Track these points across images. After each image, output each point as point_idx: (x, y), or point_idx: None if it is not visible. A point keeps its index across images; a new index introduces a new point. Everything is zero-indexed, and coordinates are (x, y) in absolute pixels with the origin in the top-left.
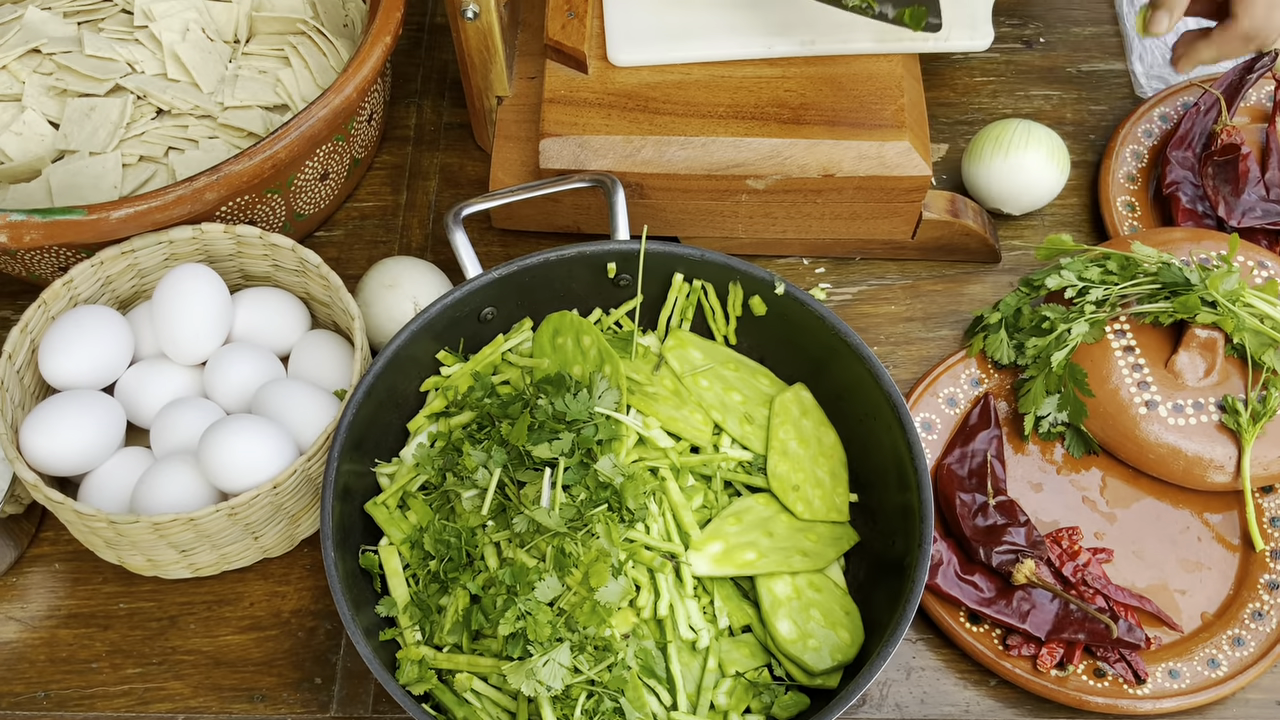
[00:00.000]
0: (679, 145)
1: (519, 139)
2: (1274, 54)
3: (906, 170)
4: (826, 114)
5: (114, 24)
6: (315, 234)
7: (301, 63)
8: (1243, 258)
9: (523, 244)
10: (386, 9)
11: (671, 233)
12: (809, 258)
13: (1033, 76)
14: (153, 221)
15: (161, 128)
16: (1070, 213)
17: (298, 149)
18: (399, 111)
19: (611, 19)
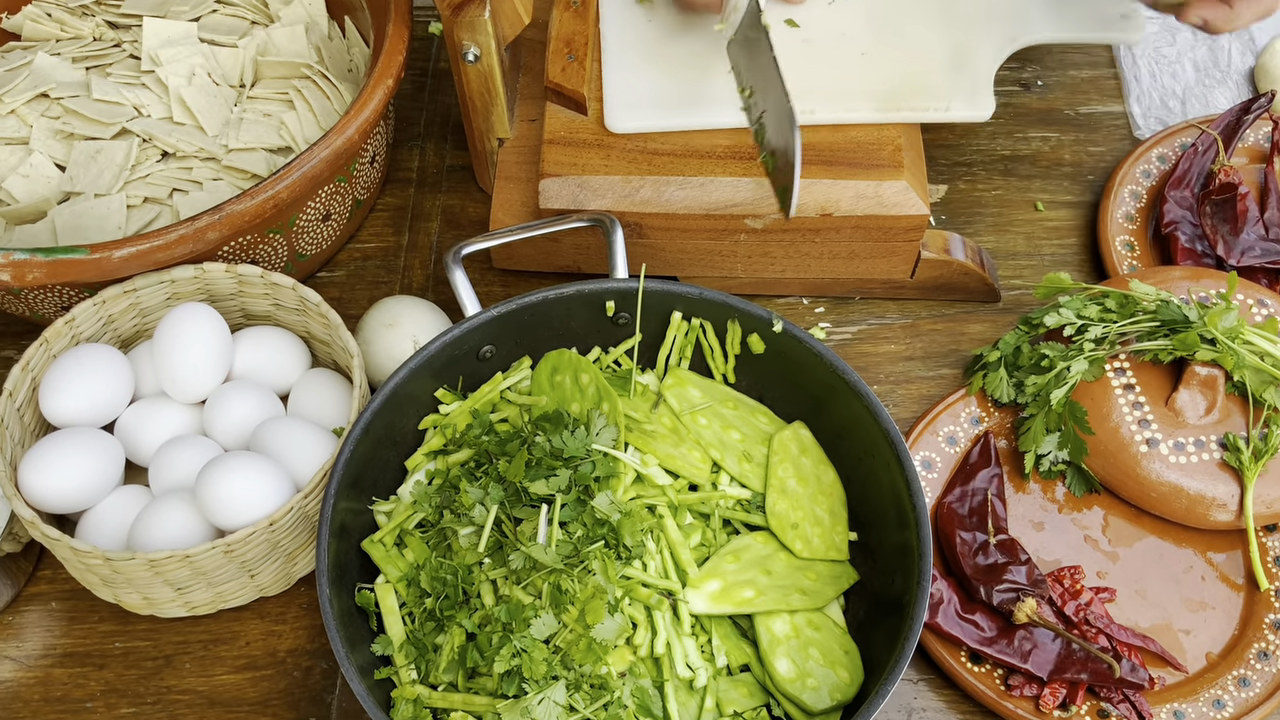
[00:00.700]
0: (677, 185)
1: (520, 180)
2: (1271, 95)
3: (904, 209)
4: (824, 154)
5: (121, 69)
6: (317, 274)
7: (305, 106)
8: (1242, 296)
9: (523, 284)
10: (389, 53)
11: (670, 272)
12: (808, 297)
13: (1031, 118)
14: (155, 261)
15: (166, 170)
16: (1069, 252)
17: (299, 189)
18: (402, 154)
19: (610, 85)
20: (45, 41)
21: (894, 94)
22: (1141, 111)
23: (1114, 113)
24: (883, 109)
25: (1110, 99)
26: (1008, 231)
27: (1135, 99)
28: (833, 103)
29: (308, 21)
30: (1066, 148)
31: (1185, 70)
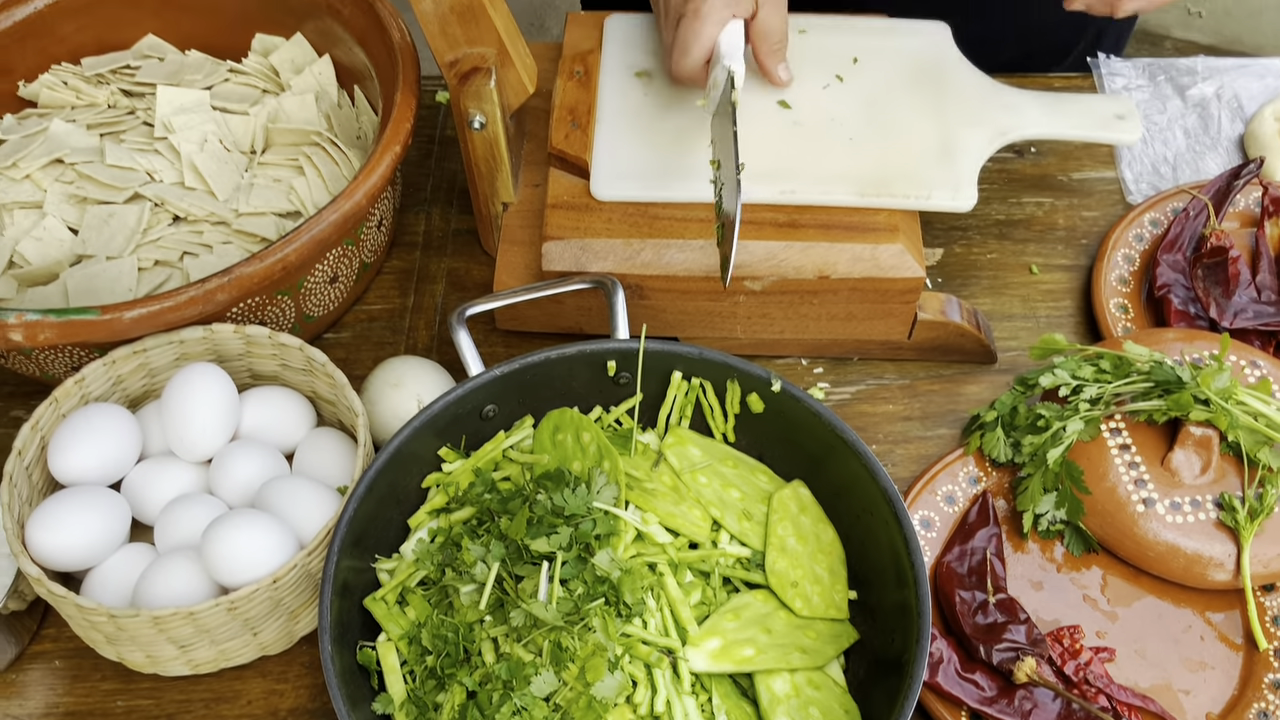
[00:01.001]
0: (677, 248)
1: (523, 243)
2: (1259, 161)
3: (900, 272)
4: (821, 218)
5: (135, 135)
6: (324, 335)
7: (315, 172)
8: (1235, 357)
9: (526, 345)
10: (397, 121)
11: (671, 333)
12: (807, 358)
13: (1025, 184)
14: (165, 322)
15: (177, 233)
16: (1064, 315)
17: (308, 252)
18: (408, 218)
19: (599, 154)
20: (61, 108)
21: (877, 180)
22: (1133, 177)
23: (1106, 178)
24: (863, 194)
25: (1102, 165)
26: (1003, 294)
27: (1127, 165)
28: (815, 184)
29: (318, 90)
30: (1060, 212)
31: (1176, 137)
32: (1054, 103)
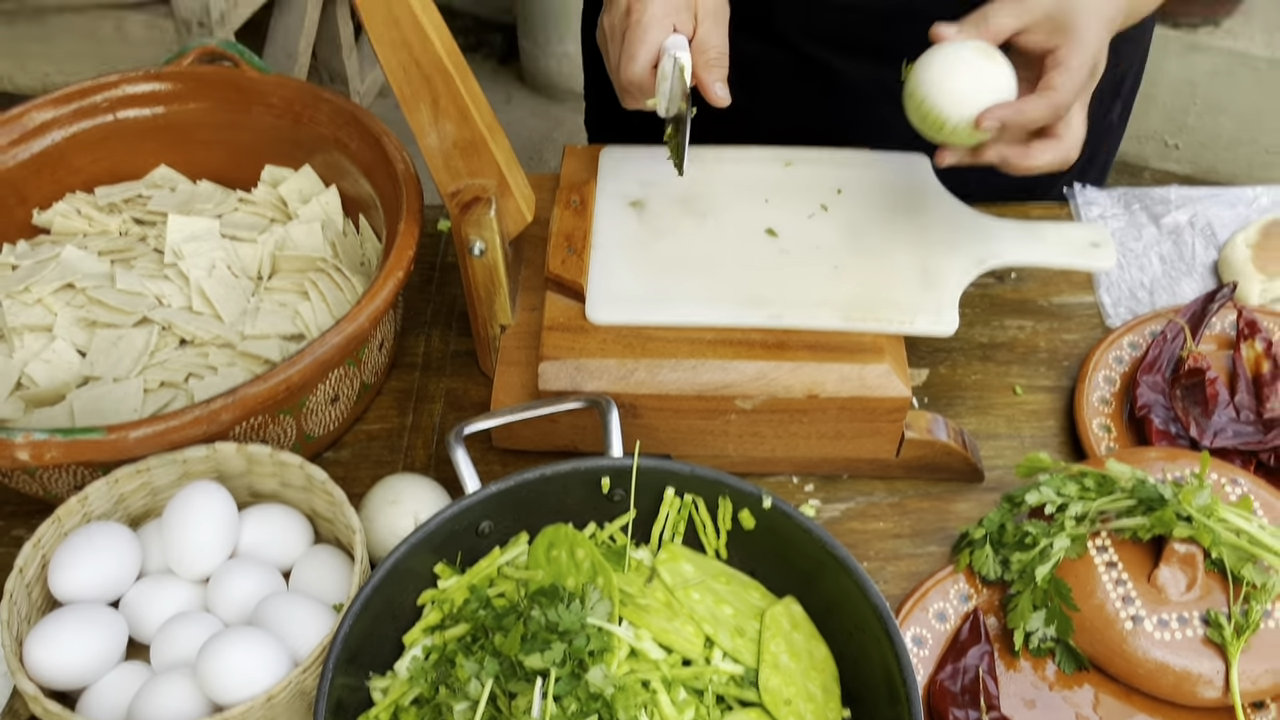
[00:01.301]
0: (670, 368)
1: (520, 364)
2: (1233, 285)
3: (887, 391)
4: (809, 339)
5: (145, 262)
6: (323, 454)
7: (319, 296)
8: (1216, 475)
9: (523, 463)
10: (400, 248)
11: (664, 451)
12: (798, 475)
13: (1007, 308)
14: (169, 441)
15: (184, 356)
16: (1048, 434)
17: (311, 373)
18: (409, 340)
19: (594, 279)
20: (74, 235)
21: (861, 305)
22: (1112, 301)
23: (1085, 303)
24: (848, 318)
25: (1081, 290)
26: (989, 414)
27: (1105, 290)
28: (802, 310)
29: (324, 219)
30: (1042, 335)
31: (1152, 263)
32: (1031, 231)
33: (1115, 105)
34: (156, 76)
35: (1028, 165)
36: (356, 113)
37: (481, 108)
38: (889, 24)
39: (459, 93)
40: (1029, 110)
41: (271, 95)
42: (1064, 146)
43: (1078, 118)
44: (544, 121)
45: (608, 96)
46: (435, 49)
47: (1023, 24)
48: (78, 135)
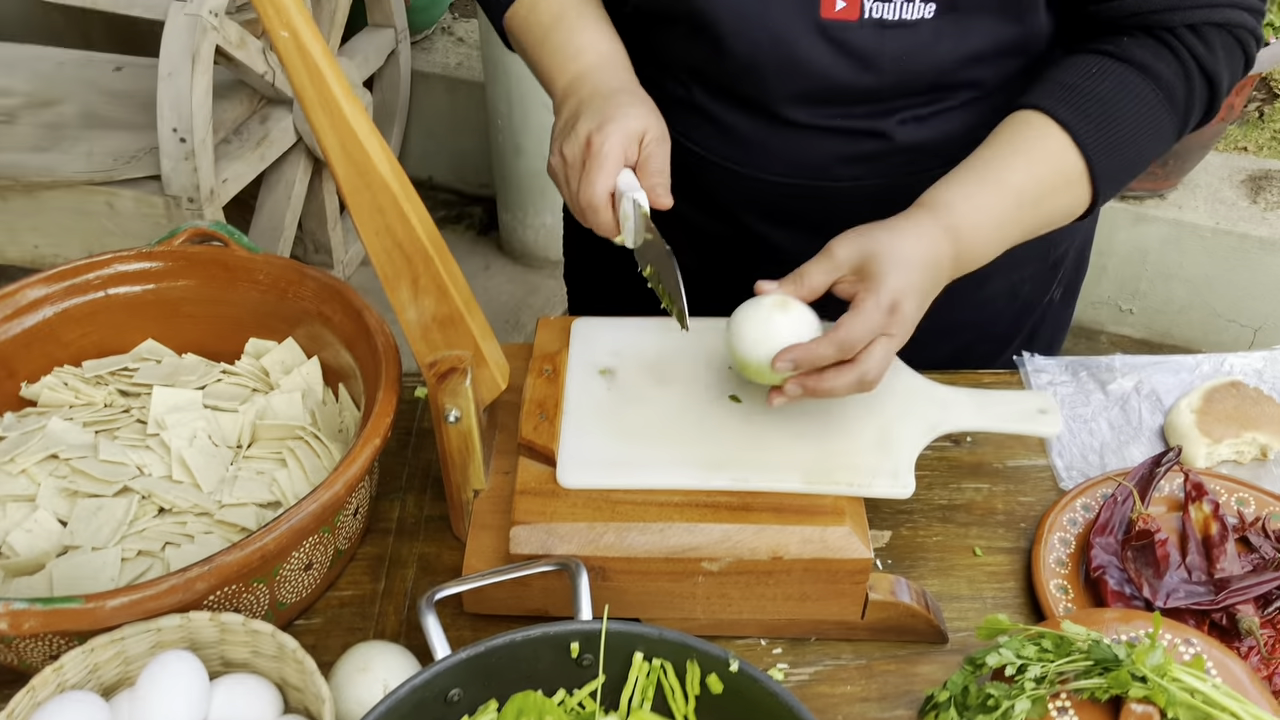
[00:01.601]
0: (638, 531)
1: (493, 528)
2: (1178, 449)
3: (848, 553)
4: (772, 502)
5: (128, 432)
6: (295, 622)
7: (297, 464)
8: (1170, 635)
9: (494, 627)
10: (378, 416)
11: (633, 614)
12: (766, 638)
13: (964, 471)
14: (145, 610)
15: (162, 524)
16: (1009, 595)
17: (286, 541)
18: (384, 505)
19: (565, 445)
20: (60, 407)
21: (822, 469)
22: (1064, 465)
23: (1039, 465)
24: (809, 481)
25: (1035, 453)
26: (950, 575)
27: (1057, 454)
28: (765, 472)
29: (305, 388)
30: (999, 497)
31: (1101, 428)
32: (981, 398)
33: (1054, 287)
34: (148, 255)
35: (825, 389)
36: (339, 288)
37: (459, 285)
38: (821, 201)
39: (438, 272)
40: (817, 350)
41: (258, 272)
42: (858, 370)
43: (879, 348)
44: (521, 288)
45: (586, 269)
46: (417, 233)
47: (833, 278)
48: (68, 310)
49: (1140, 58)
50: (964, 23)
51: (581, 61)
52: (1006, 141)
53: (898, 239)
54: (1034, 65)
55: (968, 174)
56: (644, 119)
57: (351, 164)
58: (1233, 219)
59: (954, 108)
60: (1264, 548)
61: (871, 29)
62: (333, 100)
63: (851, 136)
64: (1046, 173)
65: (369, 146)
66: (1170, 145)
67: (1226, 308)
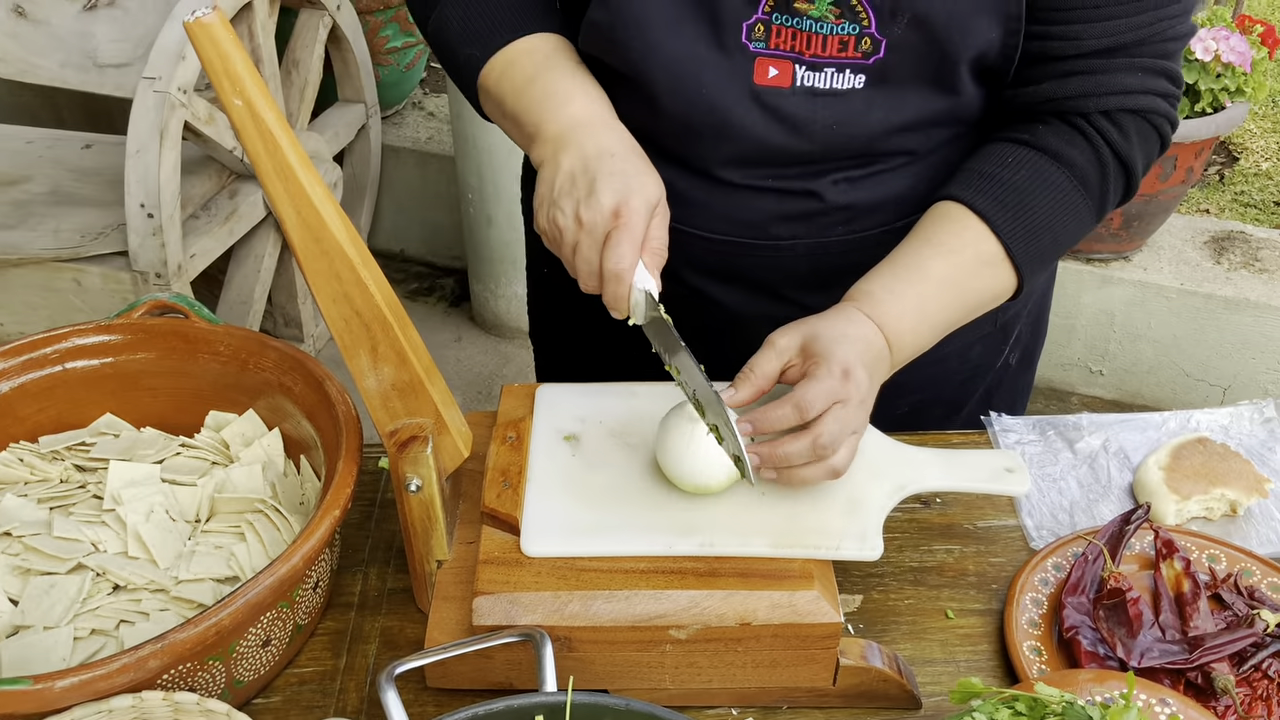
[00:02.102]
0: (604, 599)
1: (456, 599)
2: (1146, 506)
3: (818, 618)
4: (740, 566)
5: (84, 508)
6: (253, 701)
7: (256, 537)
8: (1145, 696)
9: (456, 702)
10: (337, 487)
11: (601, 684)
12: (737, 708)
13: (934, 532)
14: (95, 690)
15: (116, 602)
16: (982, 658)
17: (242, 617)
18: (345, 579)
19: (529, 513)
20: (14, 484)
21: (789, 532)
22: (1034, 524)
23: (1009, 525)
24: (777, 545)
25: (1004, 513)
26: (922, 639)
27: (1027, 513)
28: (732, 536)
29: (265, 460)
30: (970, 559)
31: (1070, 486)
32: (949, 458)
33: (1007, 352)
34: (106, 329)
35: (799, 479)
36: (301, 358)
37: (419, 351)
38: (761, 258)
39: (397, 338)
40: (774, 411)
41: (219, 344)
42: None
43: (834, 415)
44: (494, 359)
45: (554, 331)
46: (375, 300)
47: (780, 364)
48: (25, 385)
49: (1054, 146)
50: (894, 93)
51: (574, 108)
52: (925, 233)
53: (835, 323)
54: (967, 132)
55: (889, 267)
56: (658, 188)
57: (307, 231)
58: (1197, 279)
59: (885, 171)
60: (1236, 604)
61: (803, 96)
62: (288, 168)
63: (786, 196)
64: (966, 260)
65: (324, 213)
66: (1090, 228)
67: (1195, 367)
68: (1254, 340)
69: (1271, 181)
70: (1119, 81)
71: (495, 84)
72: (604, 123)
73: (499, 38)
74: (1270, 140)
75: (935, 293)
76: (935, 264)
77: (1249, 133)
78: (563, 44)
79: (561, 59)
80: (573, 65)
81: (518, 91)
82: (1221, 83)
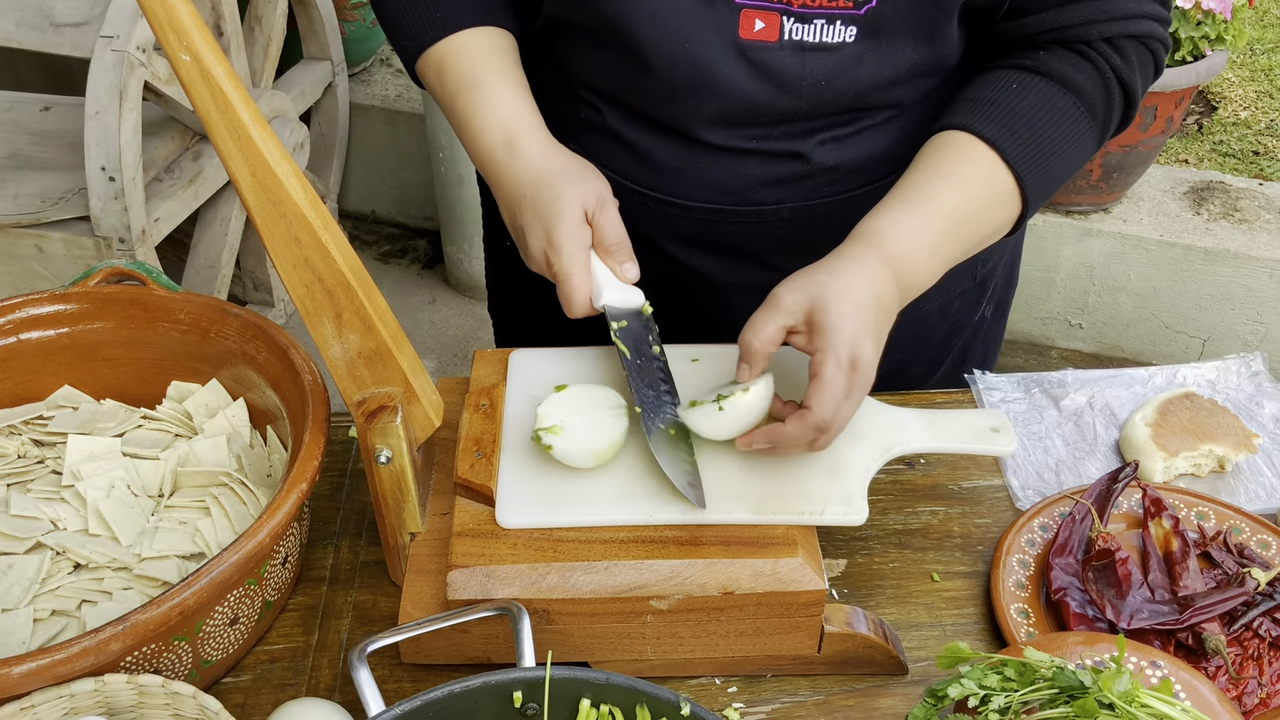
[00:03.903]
0: (582, 570)
1: (430, 572)
2: (1134, 464)
3: (802, 585)
4: (721, 534)
5: (42, 484)
6: (222, 680)
7: (221, 512)
8: (1136, 658)
9: (433, 677)
10: (304, 459)
11: (580, 657)
12: (720, 677)
13: (918, 494)
14: (55, 675)
15: (77, 582)
16: (969, 621)
17: (207, 595)
18: (316, 552)
19: (503, 483)
20: None
21: (771, 498)
22: (1019, 484)
23: (994, 485)
24: (759, 511)
25: (989, 473)
26: (908, 603)
27: (1012, 473)
28: (714, 503)
29: (230, 432)
30: (955, 520)
31: (1055, 445)
32: (933, 419)
33: (984, 304)
34: (61, 298)
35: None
36: (264, 325)
37: (385, 318)
38: (743, 225)
39: (362, 305)
40: (790, 433)
41: (178, 312)
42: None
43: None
44: (468, 320)
45: (513, 302)
46: (337, 265)
47: (785, 326)
48: None
49: (1060, 71)
50: (885, 45)
51: (487, 138)
52: (934, 164)
53: (841, 281)
54: (946, 81)
55: (898, 201)
56: (579, 197)
57: (263, 193)
58: (1176, 231)
59: (871, 127)
60: (1226, 563)
61: (791, 51)
62: (240, 126)
63: (770, 158)
64: (978, 191)
65: (280, 173)
66: (1091, 155)
67: (1174, 319)
68: (1233, 291)
69: (1250, 131)
70: (1120, 6)
71: (430, 84)
72: (516, 149)
73: (429, 33)
74: (1249, 89)
75: (948, 227)
76: (947, 197)
77: (1227, 81)
78: (492, 43)
79: (487, 69)
80: (494, 77)
81: (449, 103)
82: (1202, 30)
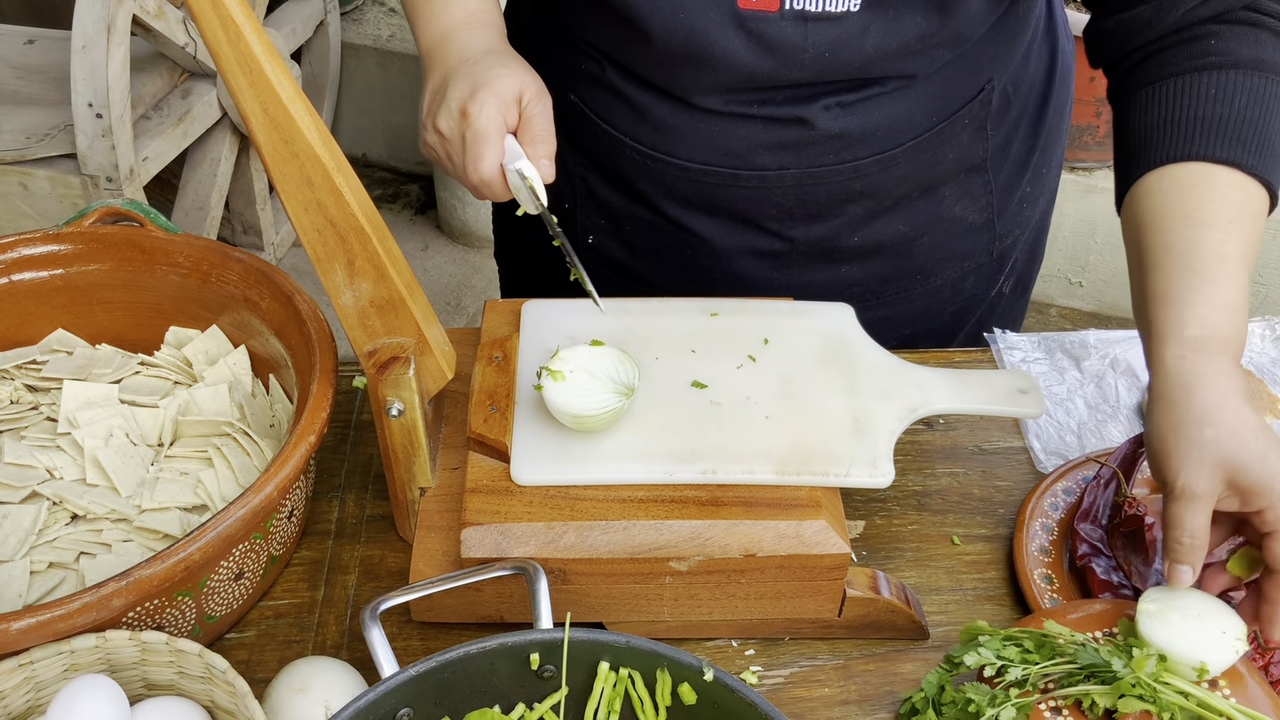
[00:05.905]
0: (601, 530)
1: (441, 529)
2: None
3: (825, 548)
4: (744, 495)
5: (37, 431)
6: (226, 636)
7: (224, 463)
8: None
9: (445, 637)
10: (312, 410)
11: (597, 618)
12: (738, 639)
13: (937, 455)
14: (55, 631)
15: (75, 533)
16: (991, 586)
17: (213, 550)
18: (321, 506)
19: (519, 439)
20: None
21: (795, 458)
22: (1041, 447)
23: (1015, 448)
24: (782, 472)
25: (1010, 435)
26: (928, 566)
27: (1034, 435)
28: (736, 463)
29: (232, 380)
30: (975, 483)
31: (1077, 406)
32: (959, 379)
33: (1002, 280)
34: (55, 238)
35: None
36: (267, 270)
37: (399, 266)
38: (744, 189)
39: (376, 252)
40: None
41: (177, 254)
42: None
43: None
44: (462, 268)
45: (517, 248)
46: (351, 208)
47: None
48: None
49: (1248, 55)
50: (892, 15)
51: (446, 19)
52: (1193, 213)
53: (1225, 424)
54: (966, 55)
55: (1190, 276)
56: (517, 78)
57: (275, 131)
58: None
59: (883, 95)
60: None
61: (793, 21)
62: (252, 58)
63: (773, 124)
64: (1245, 219)
65: (294, 111)
66: None
67: None
68: None
69: None
70: None
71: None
72: (472, 31)
73: None
74: None
75: (1243, 271)
76: (1230, 247)
77: None
78: None
79: None
80: None
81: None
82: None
